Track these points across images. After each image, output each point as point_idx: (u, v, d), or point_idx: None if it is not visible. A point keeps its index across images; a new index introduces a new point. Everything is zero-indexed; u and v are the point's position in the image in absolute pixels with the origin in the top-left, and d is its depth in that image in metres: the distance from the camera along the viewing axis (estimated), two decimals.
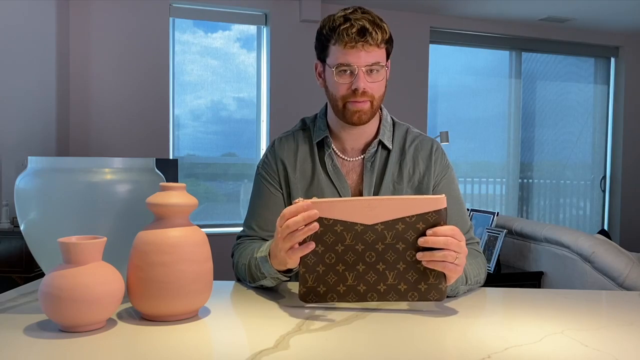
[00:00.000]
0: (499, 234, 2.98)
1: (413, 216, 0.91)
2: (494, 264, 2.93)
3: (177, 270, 0.87)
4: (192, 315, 0.92)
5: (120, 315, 0.92)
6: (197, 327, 0.88)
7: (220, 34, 4.24)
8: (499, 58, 5.02)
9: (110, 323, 0.87)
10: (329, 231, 0.93)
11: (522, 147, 5.08)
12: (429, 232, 0.92)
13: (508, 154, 5.05)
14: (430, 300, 0.96)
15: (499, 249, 2.94)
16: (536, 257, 2.92)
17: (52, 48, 3.49)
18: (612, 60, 5.31)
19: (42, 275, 1.02)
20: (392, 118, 1.32)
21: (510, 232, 3.09)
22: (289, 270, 1.05)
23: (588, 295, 1.24)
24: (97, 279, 0.82)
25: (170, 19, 4.01)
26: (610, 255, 2.43)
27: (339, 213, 0.92)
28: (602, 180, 5.36)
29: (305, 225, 0.91)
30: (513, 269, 3.06)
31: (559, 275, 2.75)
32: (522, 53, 5.04)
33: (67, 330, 0.83)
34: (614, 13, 4.56)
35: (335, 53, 1.15)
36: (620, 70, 5.27)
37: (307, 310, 0.97)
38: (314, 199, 0.93)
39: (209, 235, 0.99)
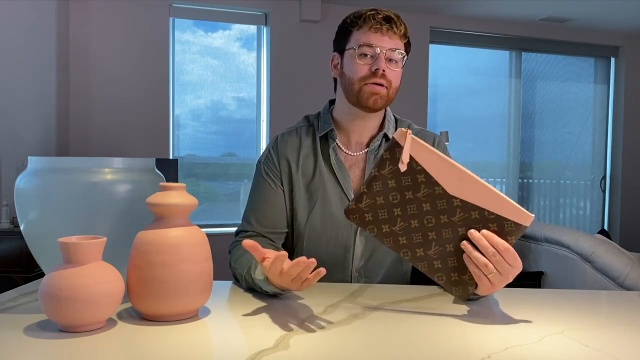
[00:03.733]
0: None
1: (493, 214, 0.87)
2: None
3: (177, 270, 0.87)
4: (192, 315, 0.92)
5: (120, 315, 0.92)
6: (197, 327, 0.88)
7: (220, 34, 4.24)
8: (499, 58, 5.02)
9: (110, 323, 0.87)
10: (410, 174, 0.90)
11: (522, 147, 5.08)
12: (485, 232, 0.88)
13: (508, 153, 5.05)
14: (452, 294, 0.94)
15: None
16: (536, 257, 2.92)
17: (52, 48, 3.49)
18: (612, 60, 5.31)
19: (42, 275, 1.02)
20: (394, 115, 1.34)
21: None
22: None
23: (588, 295, 1.24)
24: (97, 279, 0.82)
25: (170, 18, 4.01)
26: (610, 255, 2.43)
27: (430, 165, 0.89)
28: (602, 180, 5.36)
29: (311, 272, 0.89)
30: None
31: (559, 275, 2.75)
32: (522, 53, 5.04)
33: (67, 330, 0.83)
34: (614, 13, 4.56)
35: (359, 35, 1.17)
36: (620, 70, 5.27)
37: (307, 311, 0.97)
38: (416, 138, 0.90)
39: (209, 235, 0.99)
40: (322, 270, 0.89)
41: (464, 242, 0.89)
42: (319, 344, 0.80)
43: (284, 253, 0.91)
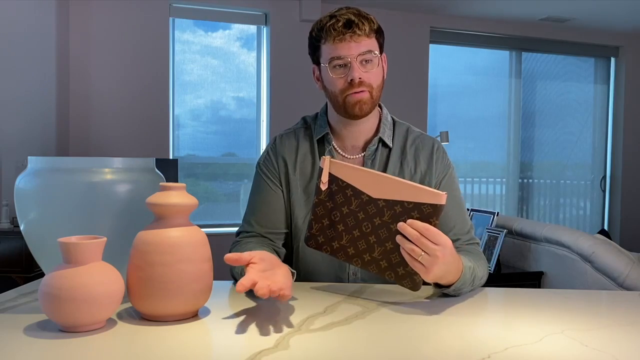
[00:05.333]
0: (499, 234, 2.98)
1: (411, 203, 0.95)
2: (494, 264, 2.93)
3: (177, 270, 0.87)
4: (192, 315, 0.92)
5: (120, 315, 0.92)
6: (197, 327, 0.88)
7: (220, 33, 4.24)
8: (499, 58, 5.02)
9: (110, 323, 0.87)
10: (341, 192, 1.02)
11: (522, 147, 5.08)
12: (409, 221, 0.93)
13: (508, 153, 5.05)
14: (405, 287, 1.01)
15: (499, 249, 2.94)
16: (536, 257, 2.92)
17: (52, 48, 3.49)
18: (612, 60, 5.31)
19: (42, 275, 1.02)
20: (392, 117, 1.32)
21: (510, 232, 3.09)
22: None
23: (588, 295, 1.24)
24: (97, 279, 0.82)
25: (170, 18, 4.01)
26: (610, 255, 2.43)
27: (352, 179, 1.00)
28: (602, 180, 5.36)
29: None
30: (513, 269, 3.06)
31: (559, 275, 2.75)
32: (522, 53, 5.03)
33: (67, 330, 0.83)
34: (614, 13, 4.56)
35: (327, 50, 1.17)
36: (620, 70, 5.27)
37: (307, 310, 0.97)
38: (334, 160, 1.02)
39: (209, 235, 0.99)
40: (285, 296, 0.89)
41: (397, 236, 0.95)
42: (319, 344, 0.80)
43: (253, 258, 0.93)
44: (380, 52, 1.20)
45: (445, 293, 1.07)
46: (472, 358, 0.76)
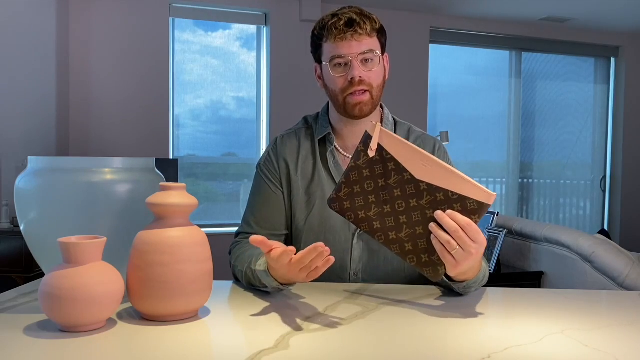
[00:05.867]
0: (499, 234, 2.98)
1: (456, 194, 0.91)
2: (494, 264, 2.93)
3: (176, 270, 0.87)
4: (192, 315, 0.92)
5: (120, 315, 0.92)
6: (197, 327, 0.88)
7: (220, 34, 4.24)
8: (499, 58, 5.02)
9: (110, 323, 0.87)
10: (382, 163, 0.96)
11: (522, 147, 5.08)
12: (448, 212, 0.91)
13: (508, 153, 5.05)
14: (425, 275, 0.97)
15: (499, 249, 2.94)
16: (536, 257, 2.92)
17: (52, 48, 3.49)
18: (612, 60, 5.31)
19: (42, 275, 1.02)
20: (393, 117, 1.33)
21: (510, 232, 3.09)
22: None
23: (588, 295, 1.24)
24: (97, 279, 0.82)
25: (170, 18, 4.01)
26: (610, 255, 2.43)
27: (398, 153, 0.95)
28: (602, 180, 5.36)
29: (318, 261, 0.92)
30: (513, 269, 3.06)
31: (559, 275, 2.75)
32: (522, 53, 5.03)
33: (67, 330, 0.83)
34: (614, 13, 4.56)
35: (328, 48, 1.17)
36: (620, 70, 5.27)
37: (307, 311, 0.97)
38: (385, 129, 0.96)
39: (209, 235, 0.99)
40: (332, 259, 0.91)
41: (432, 223, 0.92)
42: (319, 344, 0.80)
43: (292, 248, 0.93)
44: (382, 52, 1.21)
45: (452, 289, 1.08)
46: (472, 358, 0.76)
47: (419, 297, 1.08)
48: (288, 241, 1.29)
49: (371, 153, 0.96)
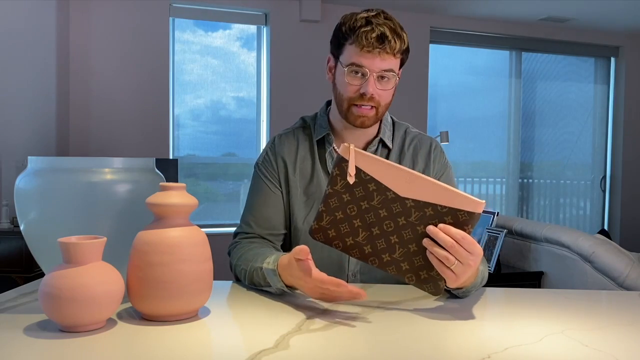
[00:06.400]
0: (499, 234, 2.98)
1: (445, 207, 0.89)
2: (494, 264, 2.93)
3: (176, 270, 0.87)
4: (192, 315, 0.92)
5: (120, 315, 0.92)
6: (197, 327, 0.88)
7: (220, 34, 4.24)
8: (499, 58, 5.02)
9: (110, 323, 0.87)
10: (362, 185, 0.93)
11: (522, 147, 5.08)
12: (441, 226, 0.89)
13: (508, 153, 5.05)
14: (425, 291, 0.95)
15: (499, 249, 2.94)
16: (536, 257, 2.92)
17: (52, 48, 3.49)
18: (612, 60, 5.31)
19: (42, 275, 1.02)
20: (391, 118, 1.32)
21: (510, 232, 3.09)
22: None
23: (588, 295, 1.24)
24: (97, 279, 0.82)
25: (170, 18, 4.01)
26: (610, 255, 2.43)
27: (378, 173, 0.92)
28: (602, 180, 5.36)
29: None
30: (513, 269, 3.06)
31: (559, 275, 2.75)
32: (522, 53, 5.03)
33: (67, 330, 0.83)
34: (614, 13, 4.56)
35: (351, 53, 1.14)
36: (620, 70, 5.27)
37: (307, 310, 0.97)
38: (359, 150, 0.93)
39: (209, 235, 0.99)
40: (364, 295, 0.94)
41: (425, 239, 0.90)
42: (319, 344, 0.80)
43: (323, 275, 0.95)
44: (399, 68, 1.19)
45: (452, 294, 1.08)
46: (472, 358, 0.76)
47: (419, 297, 1.08)
48: (286, 240, 1.29)
49: (350, 179, 0.93)
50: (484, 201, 0.89)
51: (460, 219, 0.89)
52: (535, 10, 4.49)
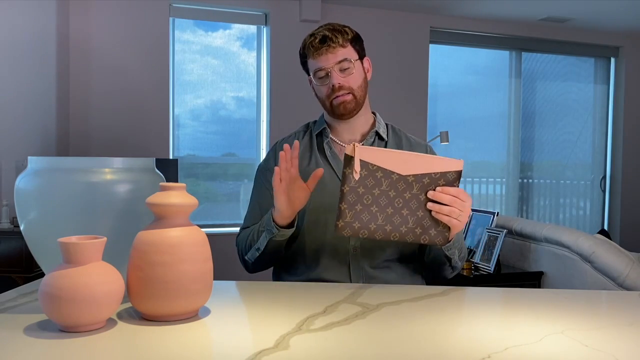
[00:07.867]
0: (498, 234, 2.98)
1: (437, 173, 1.07)
2: (494, 264, 2.93)
3: (177, 270, 0.87)
4: (192, 315, 0.92)
5: (120, 315, 0.92)
6: (197, 327, 0.88)
7: (220, 34, 4.24)
8: (499, 58, 5.01)
9: (110, 323, 0.87)
10: (371, 176, 1.07)
11: (522, 147, 5.08)
12: (438, 189, 1.07)
13: (508, 153, 5.05)
14: (436, 245, 1.13)
15: (498, 249, 2.94)
16: (536, 257, 2.92)
17: (52, 48, 3.49)
18: (612, 60, 5.31)
19: (42, 275, 1.02)
20: (387, 123, 1.44)
21: (510, 232, 3.09)
22: (288, 227, 1.21)
23: (588, 295, 1.24)
24: (97, 279, 0.82)
25: (170, 18, 4.01)
26: (610, 255, 2.43)
27: (381, 161, 1.07)
28: (602, 180, 5.35)
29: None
30: (513, 269, 3.06)
31: (559, 275, 2.75)
32: (522, 53, 5.03)
33: (67, 330, 0.83)
34: (614, 13, 4.56)
35: (311, 64, 1.33)
36: (620, 70, 5.26)
37: (307, 311, 0.97)
38: (361, 146, 1.07)
39: (209, 235, 0.99)
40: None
41: (429, 203, 1.08)
42: (319, 344, 0.80)
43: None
44: (361, 56, 1.34)
45: (447, 252, 1.21)
46: (472, 358, 0.76)
47: (419, 297, 1.08)
48: (288, 239, 1.30)
49: (356, 175, 1.07)
50: (462, 160, 1.09)
51: (450, 178, 1.09)
52: (535, 10, 4.49)
